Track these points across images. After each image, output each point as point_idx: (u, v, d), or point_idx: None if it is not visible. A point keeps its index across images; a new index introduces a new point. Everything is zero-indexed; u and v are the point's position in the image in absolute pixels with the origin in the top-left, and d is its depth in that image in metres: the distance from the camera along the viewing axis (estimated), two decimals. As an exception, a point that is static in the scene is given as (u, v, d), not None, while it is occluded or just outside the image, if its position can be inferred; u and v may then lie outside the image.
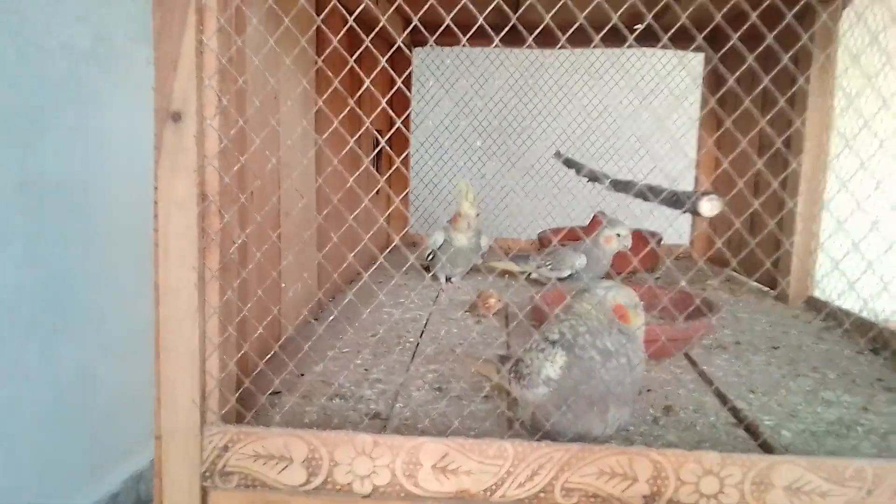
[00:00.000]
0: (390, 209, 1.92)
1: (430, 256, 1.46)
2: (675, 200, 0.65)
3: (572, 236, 1.74)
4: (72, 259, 1.23)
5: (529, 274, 1.45)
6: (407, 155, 1.96)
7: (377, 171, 1.77)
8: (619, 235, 1.35)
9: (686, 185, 2.00)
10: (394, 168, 1.24)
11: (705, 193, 0.60)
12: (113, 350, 1.31)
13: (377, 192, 1.77)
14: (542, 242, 1.79)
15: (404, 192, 1.95)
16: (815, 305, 1.33)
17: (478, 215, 1.43)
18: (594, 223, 1.68)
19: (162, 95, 0.62)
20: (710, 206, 0.60)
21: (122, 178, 1.33)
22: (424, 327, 1.17)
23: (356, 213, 1.44)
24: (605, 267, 1.37)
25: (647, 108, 2.05)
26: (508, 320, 1.23)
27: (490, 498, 0.65)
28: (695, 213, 0.62)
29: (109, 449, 1.34)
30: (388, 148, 1.38)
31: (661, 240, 1.74)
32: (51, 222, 1.18)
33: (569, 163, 1.46)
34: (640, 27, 1.60)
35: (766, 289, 1.49)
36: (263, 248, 0.77)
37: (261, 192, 0.88)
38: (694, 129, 1.95)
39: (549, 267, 1.38)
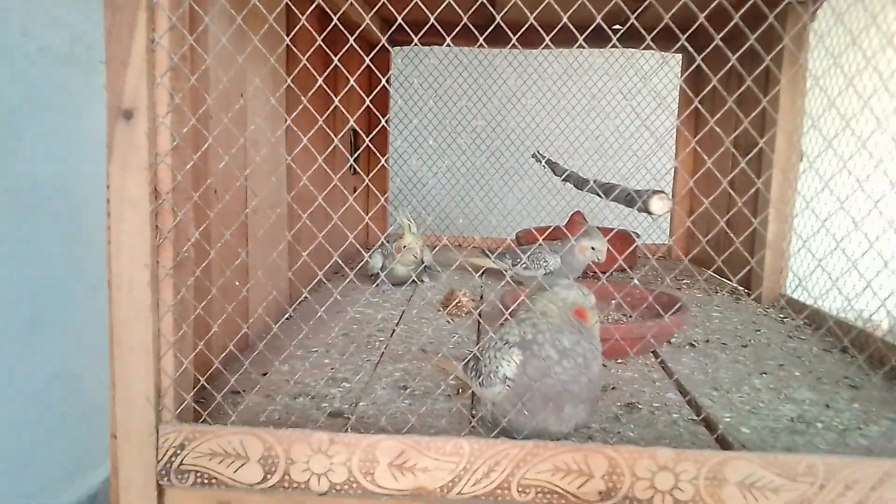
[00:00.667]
0: (371, 211, 1.92)
1: (374, 276, 1.46)
2: (628, 199, 0.66)
3: (552, 236, 1.74)
4: (51, 260, 1.22)
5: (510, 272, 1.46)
6: (386, 154, 1.96)
7: (353, 172, 1.77)
8: (592, 248, 1.35)
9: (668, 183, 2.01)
10: (375, 169, 1.24)
11: (656, 192, 0.61)
12: (93, 351, 1.31)
13: (355, 192, 1.77)
14: (520, 241, 1.80)
15: (383, 193, 1.95)
16: (791, 304, 1.34)
17: (422, 247, 1.42)
18: (572, 222, 1.69)
19: (113, 93, 0.62)
20: (660, 205, 0.61)
21: (102, 180, 1.32)
22: (396, 326, 1.17)
23: (339, 212, 1.44)
24: (577, 271, 1.37)
25: (631, 107, 2.05)
26: (481, 318, 1.23)
27: (447, 495, 0.65)
28: (646, 211, 0.62)
29: (89, 449, 1.33)
30: (370, 146, 1.38)
31: (636, 238, 1.74)
32: (29, 224, 1.17)
33: (541, 160, 1.46)
34: (620, 28, 1.60)
35: (742, 288, 1.50)
36: (217, 246, 0.77)
37: (224, 190, 0.88)
38: (673, 119, 1.97)
39: (524, 266, 1.38)
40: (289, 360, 0.97)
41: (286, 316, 0.89)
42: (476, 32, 0.64)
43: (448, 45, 1.72)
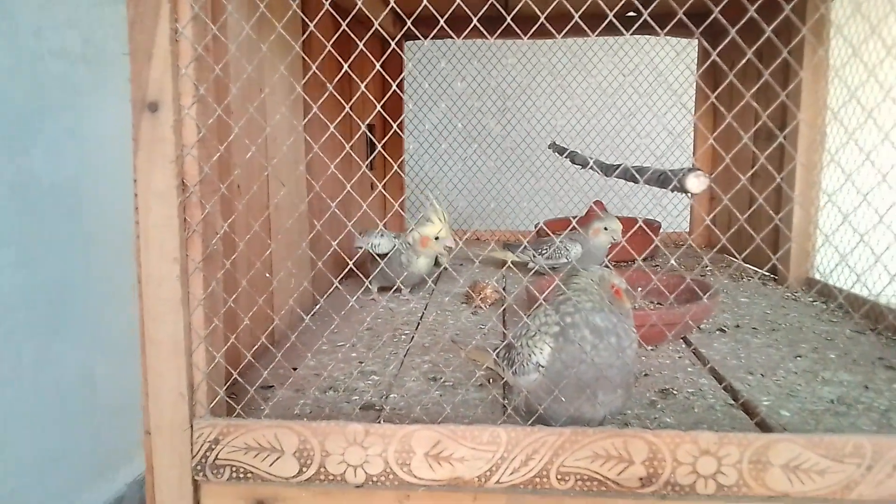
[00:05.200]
0: (388, 212, 1.91)
1: (372, 260, 1.26)
2: (662, 179, 0.64)
3: (570, 227, 1.72)
4: (68, 260, 1.22)
5: (531, 265, 1.44)
6: (402, 151, 1.95)
7: (371, 168, 1.76)
8: (605, 229, 1.33)
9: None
10: (391, 172, 1.23)
11: (692, 170, 0.59)
12: (112, 351, 1.31)
13: (371, 188, 1.77)
14: (540, 233, 1.78)
15: (401, 195, 1.94)
16: (814, 287, 1.32)
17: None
18: (591, 214, 1.67)
19: (137, 86, 0.62)
20: (696, 183, 0.59)
21: (117, 179, 1.32)
22: (420, 319, 1.16)
23: (357, 209, 1.43)
24: (599, 258, 1.35)
25: (647, 102, 2.03)
26: (506, 310, 1.22)
27: (484, 484, 0.64)
28: (682, 190, 0.61)
29: (112, 451, 1.33)
30: (381, 149, 1.37)
31: (659, 227, 1.73)
32: (46, 225, 1.17)
33: (562, 151, 1.44)
34: (633, 14, 1.59)
35: (767, 273, 1.48)
36: (246, 238, 0.76)
37: (246, 184, 0.87)
38: (690, 117, 1.94)
39: (546, 256, 1.37)
40: (316, 354, 0.97)
41: (318, 307, 0.88)
42: (482, 27, 0.63)
43: (463, 39, 1.71)
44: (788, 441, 0.62)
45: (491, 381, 0.86)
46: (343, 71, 0.63)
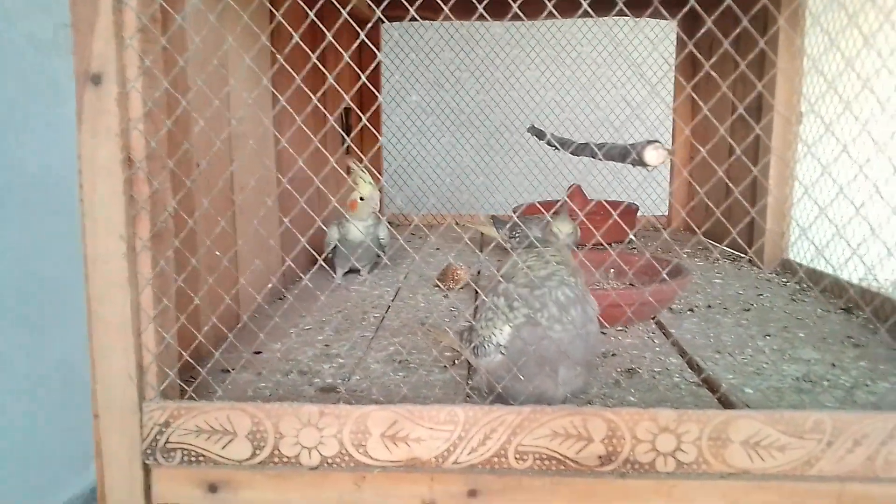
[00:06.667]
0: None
1: (331, 254, 1.28)
2: (623, 153, 0.63)
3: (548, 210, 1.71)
4: (51, 252, 1.20)
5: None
6: (379, 134, 1.92)
7: (347, 151, 1.74)
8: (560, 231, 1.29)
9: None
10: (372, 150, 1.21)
11: (650, 142, 0.58)
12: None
13: (349, 171, 1.74)
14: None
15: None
16: (789, 268, 1.31)
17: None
18: (570, 197, 1.66)
19: (80, 58, 0.59)
20: (655, 155, 0.58)
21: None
22: (391, 303, 1.15)
23: (332, 194, 1.41)
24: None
25: (621, 95, 2.02)
26: (477, 293, 1.21)
27: (442, 465, 0.63)
28: (641, 163, 0.60)
29: (91, 442, 1.31)
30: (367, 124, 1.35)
31: (636, 209, 1.72)
32: (28, 216, 1.15)
33: (541, 135, 1.43)
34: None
35: (742, 255, 1.47)
36: (195, 216, 0.74)
37: (216, 164, 0.85)
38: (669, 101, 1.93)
39: (517, 239, 1.36)
40: (282, 338, 0.95)
41: (300, 288, 0.86)
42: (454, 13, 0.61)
43: (442, 20, 1.69)
44: (748, 417, 0.61)
45: (456, 362, 0.85)
46: (315, 52, 0.61)
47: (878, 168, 0.75)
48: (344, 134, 1.64)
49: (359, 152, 1.80)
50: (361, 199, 1.26)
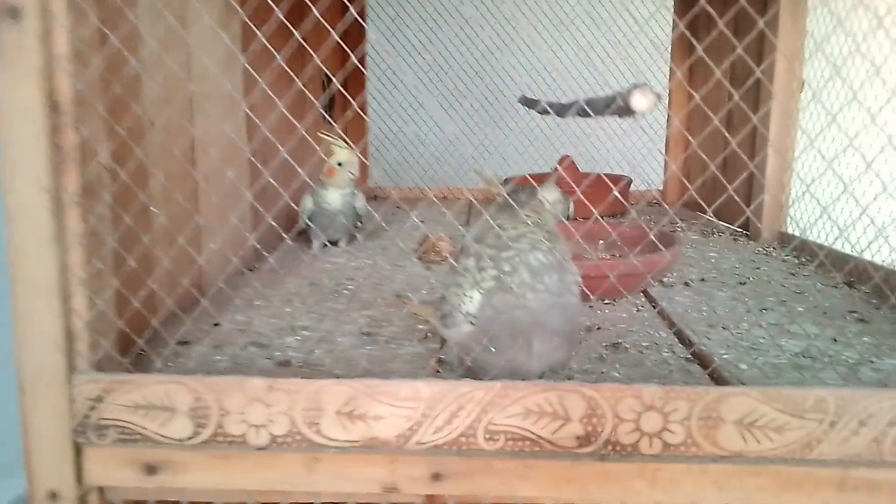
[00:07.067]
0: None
1: (306, 225, 1.23)
2: (608, 104, 0.56)
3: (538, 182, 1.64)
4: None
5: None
6: (364, 99, 1.85)
7: (331, 118, 1.67)
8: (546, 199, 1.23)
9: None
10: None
11: (637, 86, 0.51)
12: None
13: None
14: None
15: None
16: (787, 241, 1.25)
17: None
18: (565, 166, 1.59)
19: (-6, -14, 0.53)
20: (643, 101, 0.51)
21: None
22: (368, 274, 1.08)
23: (309, 164, 1.34)
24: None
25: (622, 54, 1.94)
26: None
27: (404, 445, 0.57)
28: (627, 112, 0.53)
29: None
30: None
31: (630, 183, 1.65)
32: None
33: (528, 102, 1.36)
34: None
35: (739, 229, 1.41)
36: (128, 167, 0.66)
37: (175, 118, 0.78)
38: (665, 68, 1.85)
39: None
40: (246, 309, 0.89)
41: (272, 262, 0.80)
42: None
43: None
44: (742, 395, 0.55)
45: (429, 336, 0.79)
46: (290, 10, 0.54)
47: None
48: (319, 103, 1.57)
49: (334, 124, 1.72)
50: (339, 164, 1.20)
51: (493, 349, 0.59)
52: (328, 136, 1.20)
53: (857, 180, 0.63)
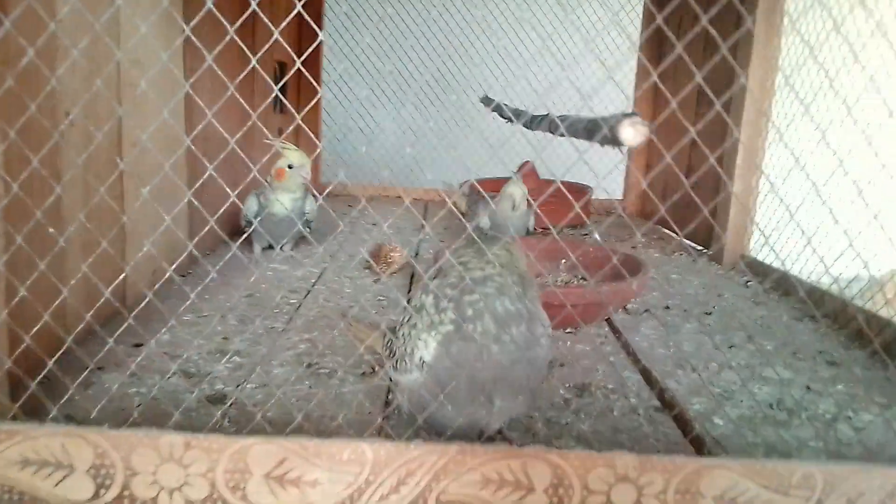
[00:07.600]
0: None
1: (248, 225, 1.13)
2: (589, 129, 0.50)
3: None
4: None
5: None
6: (318, 91, 1.75)
7: (279, 110, 1.57)
8: (513, 195, 1.16)
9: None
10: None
11: (627, 115, 0.45)
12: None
13: (280, 133, 1.57)
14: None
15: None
16: (751, 266, 1.21)
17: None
18: (523, 177, 1.53)
19: None
20: (633, 133, 0.45)
21: None
22: (312, 287, 1.00)
23: (261, 158, 1.24)
24: (518, 227, 1.19)
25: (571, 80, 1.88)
26: (414, 278, 1.07)
27: (343, 514, 0.50)
28: (614, 142, 0.46)
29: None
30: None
31: (588, 193, 1.60)
32: None
33: (488, 102, 1.29)
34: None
35: (700, 248, 1.37)
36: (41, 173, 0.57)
37: (104, 113, 0.68)
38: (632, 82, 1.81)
39: (468, 219, 1.23)
40: (174, 326, 0.80)
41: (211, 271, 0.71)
42: None
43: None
44: (724, 468, 0.50)
45: (376, 368, 0.72)
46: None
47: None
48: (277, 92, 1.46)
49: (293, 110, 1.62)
50: (290, 167, 1.10)
51: (449, 406, 0.51)
52: (280, 141, 1.09)
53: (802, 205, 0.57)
